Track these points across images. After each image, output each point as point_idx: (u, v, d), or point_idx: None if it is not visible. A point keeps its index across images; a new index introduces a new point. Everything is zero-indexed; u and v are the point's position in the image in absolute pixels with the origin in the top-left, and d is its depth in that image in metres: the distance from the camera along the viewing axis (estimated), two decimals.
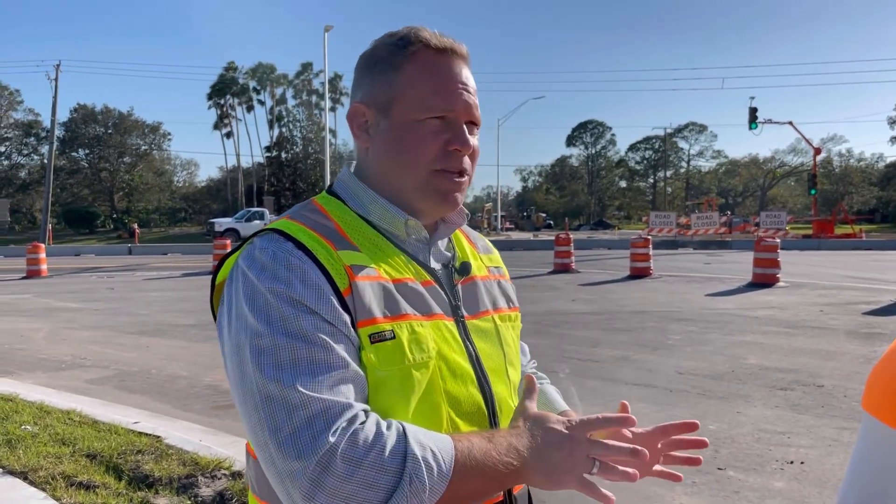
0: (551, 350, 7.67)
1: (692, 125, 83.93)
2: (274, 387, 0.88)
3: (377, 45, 1.11)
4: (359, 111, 1.10)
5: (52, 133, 48.11)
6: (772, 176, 76.82)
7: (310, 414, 0.86)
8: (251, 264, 0.98)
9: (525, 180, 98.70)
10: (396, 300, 1.00)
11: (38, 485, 3.76)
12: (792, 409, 5.32)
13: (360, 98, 1.11)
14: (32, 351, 8.20)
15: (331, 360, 0.91)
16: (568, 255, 17.72)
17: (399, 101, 1.06)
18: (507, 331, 1.19)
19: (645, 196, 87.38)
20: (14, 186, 65.65)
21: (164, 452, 4.20)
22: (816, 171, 38.00)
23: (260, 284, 0.95)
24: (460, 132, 1.06)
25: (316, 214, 1.07)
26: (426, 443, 0.88)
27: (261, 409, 0.89)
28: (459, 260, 1.18)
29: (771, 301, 11.43)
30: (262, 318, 0.93)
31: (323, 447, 0.83)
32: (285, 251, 0.97)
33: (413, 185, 1.07)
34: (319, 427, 0.85)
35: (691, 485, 3.92)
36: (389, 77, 1.07)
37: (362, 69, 1.12)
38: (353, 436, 0.85)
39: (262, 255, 0.98)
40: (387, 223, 1.09)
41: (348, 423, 0.86)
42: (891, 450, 0.63)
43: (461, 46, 1.10)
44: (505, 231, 56.24)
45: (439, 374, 1.00)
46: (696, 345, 7.87)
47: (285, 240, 0.99)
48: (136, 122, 65.84)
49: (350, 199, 1.12)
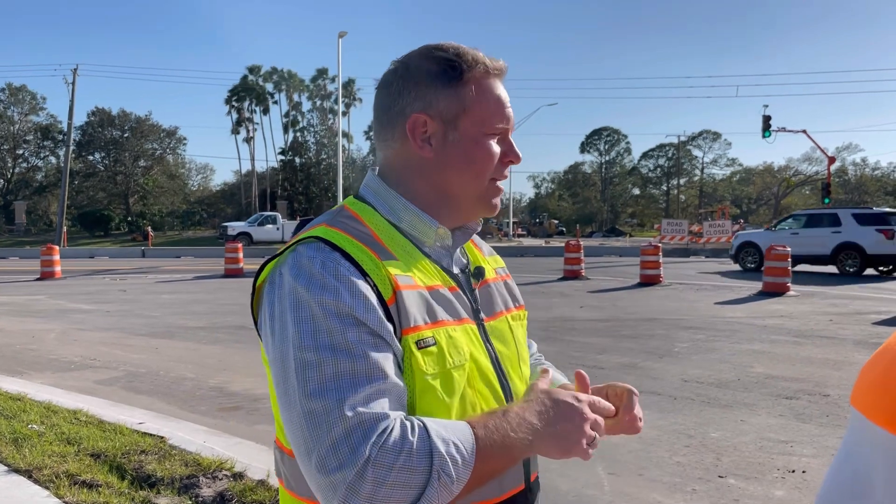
0: (558, 356, 7.66)
1: (706, 133, 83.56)
2: (317, 402, 0.92)
3: (429, 58, 1.14)
4: (420, 121, 1.12)
5: (68, 136, 48.58)
6: (786, 184, 76.30)
7: (348, 427, 0.90)
8: (298, 273, 1.00)
9: (538, 187, 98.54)
10: (433, 307, 1.06)
11: (42, 483, 3.81)
12: (796, 418, 5.29)
13: (420, 108, 1.12)
14: (43, 351, 8.29)
15: (372, 373, 0.95)
16: (578, 261, 17.69)
17: (468, 116, 1.12)
18: (518, 329, 1.26)
19: (658, 204, 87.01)
20: (31, 189, 66.28)
21: (167, 453, 4.24)
22: (831, 180, 37.72)
23: (308, 295, 0.98)
24: (513, 147, 1.17)
25: (353, 221, 1.11)
26: (448, 437, 0.93)
27: (304, 422, 0.93)
28: (473, 265, 1.24)
29: (780, 310, 11.37)
30: (307, 330, 0.96)
31: (361, 458, 0.88)
32: (333, 261, 1.00)
33: (476, 194, 1.15)
34: (357, 440, 0.89)
35: (691, 492, 3.91)
36: (458, 91, 1.12)
37: (414, 79, 1.13)
38: (384, 444, 0.89)
39: (310, 263, 1.00)
40: (417, 231, 1.14)
41: (381, 433, 0.90)
42: (872, 445, 0.64)
43: (505, 66, 1.19)
44: (517, 237, 56.16)
45: (472, 374, 1.07)
46: (702, 353, 7.84)
47: (332, 249, 1.02)
48: (153, 127, 66.33)
49: (380, 206, 1.15)
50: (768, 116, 35.24)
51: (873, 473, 0.64)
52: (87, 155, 64.89)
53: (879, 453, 0.63)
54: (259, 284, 1.10)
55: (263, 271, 1.10)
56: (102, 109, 64.56)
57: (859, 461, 0.66)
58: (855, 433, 0.68)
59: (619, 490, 3.96)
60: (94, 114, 64.41)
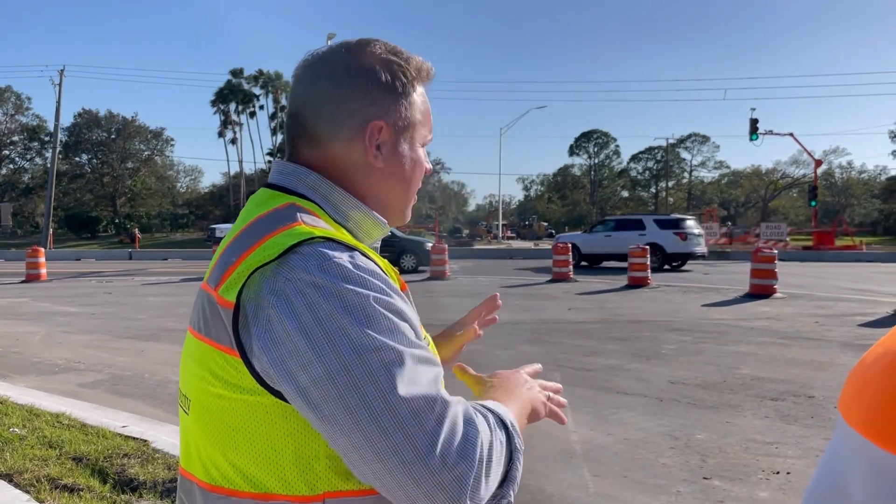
0: (545, 358, 7.66)
1: (694, 136, 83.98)
2: (418, 401, 0.85)
3: (380, 60, 1.08)
4: (377, 128, 1.07)
5: (55, 138, 48.23)
6: (773, 187, 76.79)
7: (453, 419, 0.86)
8: (327, 275, 0.89)
9: (527, 189, 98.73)
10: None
11: (23, 487, 3.77)
12: (782, 419, 5.31)
13: (377, 115, 1.07)
14: (27, 354, 8.21)
15: (436, 362, 0.93)
16: (566, 263, 17.73)
17: (415, 128, 1.11)
18: None
19: (647, 206, 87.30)
20: (17, 191, 65.81)
21: (150, 456, 4.21)
22: (817, 183, 37.99)
23: (358, 298, 0.88)
24: (427, 158, 1.17)
25: (319, 221, 1.01)
26: (497, 411, 0.98)
27: (407, 426, 0.83)
28: None
29: (767, 312, 11.43)
30: (375, 329, 0.87)
31: (476, 445, 0.86)
32: (360, 258, 0.93)
33: (405, 204, 1.16)
34: (464, 428, 0.87)
35: (676, 493, 3.92)
36: (409, 102, 1.10)
37: (370, 81, 1.07)
38: (476, 426, 0.88)
39: (338, 263, 0.90)
40: (361, 231, 1.09)
41: (470, 417, 0.89)
42: (850, 449, 0.64)
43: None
44: (506, 240, 56.24)
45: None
46: (689, 355, 7.87)
47: (346, 248, 0.93)
48: (140, 128, 66.04)
49: (324, 204, 1.07)
50: (756, 119, 35.51)
51: (850, 479, 0.64)
52: (74, 156, 64.59)
53: (856, 459, 0.63)
54: (243, 301, 0.92)
55: (247, 286, 0.92)
56: (89, 111, 64.33)
57: (839, 465, 0.66)
58: (837, 438, 0.68)
59: (603, 492, 3.96)
60: (81, 115, 64.12)
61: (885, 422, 0.60)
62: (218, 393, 0.93)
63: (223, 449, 0.94)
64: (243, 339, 0.91)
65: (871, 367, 0.65)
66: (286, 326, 0.87)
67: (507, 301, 13.34)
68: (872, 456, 0.60)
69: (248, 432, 0.92)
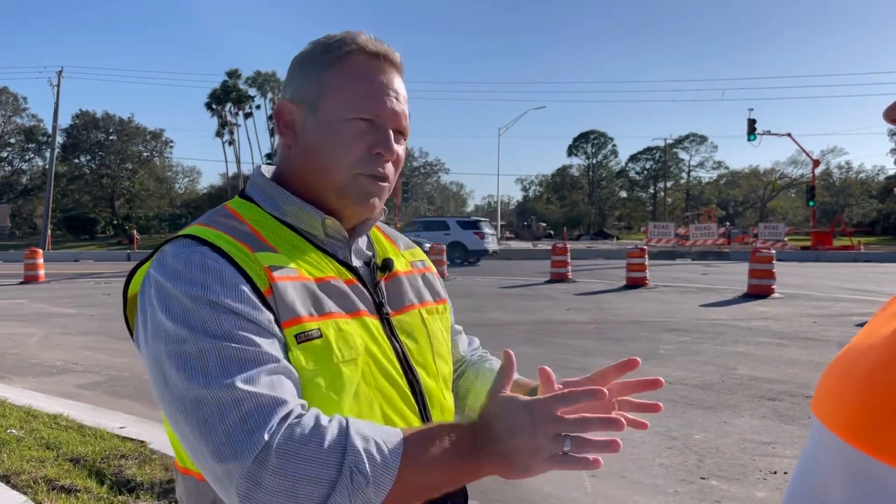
0: (543, 359, 7.65)
1: (693, 136, 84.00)
2: (203, 390, 0.85)
3: (313, 46, 1.10)
4: (286, 108, 1.08)
5: (53, 139, 48.20)
6: (771, 187, 76.85)
7: (243, 412, 0.83)
8: (163, 271, 0.95)
9: (526, 190, 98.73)
10: (320, 299, 1.00)
11: (20, 488, 3.76)
12: (779, 419, 5.32)
13: (289, 96, 1.09)
14: (25, 356, 8.21)
15: (260, 357, 0.89)
16: (564, 264, 17.75)
17: (327, 99, 1.05)
18: (435, 323, 1.19)
19: (645, 206, 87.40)
20: (15, 192, 65.74)
21: (147, 457, 4.21)
22: (815, 183, 38.06)
23: (175, 290, 0.92)
24: (386, 137, 1.06)
25: (229, 219, 1.05)
26: (370, 435, 0.85)
27: (191, 415, 0.85)
28: (381, 257, 1.18)
29: (765, 312, 11.44)
30: (181, 323, 0.90)
31: (259, 444, 0.81)
32: (200, 254, 0.95)
33: (335, 186, 1.07)
34: (254, 424, 0.82)
35: (673, 493, 3.92)
36: (320, 75, 1.06)
37: (295, 67, 1.11)
38: (288, 430, 0.82)
39: (174, 260, 0.95)
40: (303, 223, 1.08)
41: (283, 418, 0.84)
42: (829, 454, 0.62)
43: (395, 54, 1.10)
44: (505, 240, 56.21)
45: (369, 370, 1.00)
46: (687, 355, 7.87)
47: (199, 244, 0.97)
48: (138, 129, 65.98)
49: (264, 202, 1.10)
50: (754, 120, 35.55)
51: (829, 484, 0.62)
52: (73, 158, 64.43)
53: (836, 463, 0.61)
54: (132, 294, 1.03)
55: (133, 278, 1.03)
56: (87, 112, 64.16)
57: (818, 470, 0.64)
58: (814, 441, 0.66)
59: (601, 492, 3.96)
60: (79, 116, 63.99)
61: (868, 425, 0.57)
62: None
63: (167, 428, 1.01)
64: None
65: (852, 368, 0.63)
66: (138, 319, 0.98)
67: (506, 301, 13.34)
68: (854, 461, 0.58)
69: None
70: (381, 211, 1.16)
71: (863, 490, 0.58)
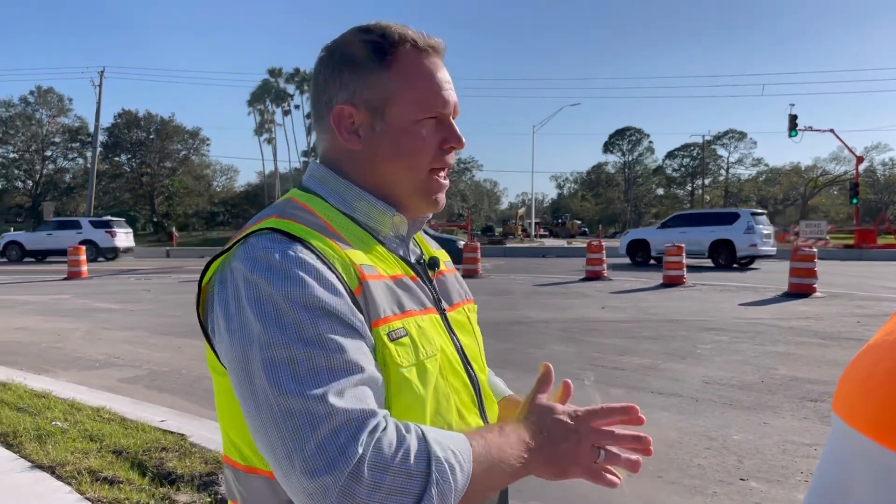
0: (578, 357, 7.62)
1: (731, 132, 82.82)
2: (294, 400, 0.83)
3: (353, 42, 1.08)
4: (345, 113, 1.06)
5: (95, 138, 49.29)
6: (813, 185, 75.31)
7: (335, 425, 0.82)
8: (254, 266, 0.91)
9: (560, 187, 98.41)
10: (400, 297, 1.01)
11: (65, 479, 3.86)
12: (821, 420, 5.21)
13: (344, 99, 1.07)
14: (69, 350, 8.41)
15: (350, 367, 0.87)
16: (600, 262, 17.58)
17: (394, 103, 1.05)
18: (475, 321, 1.22)
19: (682, 204, 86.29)
20: (59, 190, 67.40)
21: (187, 450, 4.27)
22: (859, 180, 37.20)
23: (270, 288, 0.89)
24: (454, 130, 1.09)
25: (304, 212, 1.03)
26: (446, 444, 0.86)
27: (281, 425, 0.83)
28: (427, 255, 1.19)
29: (806, 311, 11.21)
30: (272, 325, 0.87)
31: (353, 458, 0.80)
32: (294, 250, 0.92)
33: (412, 186, 1.08)
34: (346, 438, 0.81)
35: (711, 495, 3.86)
36: (380, 77, 1.05)
37: (339, 66, 1.08)
38: (377, 443, 0.82)
39: (267, 255, 0.92)
40: (372, 220, 1.08)
41: (372, 430, 0.83)
42: (853, 453, 0.61)
43: (441, 43, 1.10)
44: (539, 238, 55.99)
45: (443, 365, 1.02)
46: (725, 354, 7.75)
47: (291, 239, 0.94)
48: (177, 128, 67.12)
49: (330, 196, 1.09)
50: (795, 115, 34.83)
51: (853, 483, 0.61)
52: (114, 156, 65.81)
53: (861, 462, 0.60)
54: (205, 285, 1.00)
55: (209, 270, 1.00)
56: (129, 111, 65.47)
57: (840, 470, 0.63)
58: (836, 441, 0.65)
59: (637, 492, 3.92)
60: (121, 115, 65.32)
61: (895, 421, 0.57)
62: (211, 375, 1.04)
63: (223, 424, 1.03)
64: (207, 323, 0.99)
65: (875, 366, 0.62)
66: (217, 311, 0.94)
67: (540, 299, 13.28)
68: (880, 457, 0.57)
69: (229, 410, 0.99)
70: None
71: (889, 486, 0.57)
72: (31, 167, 67.35)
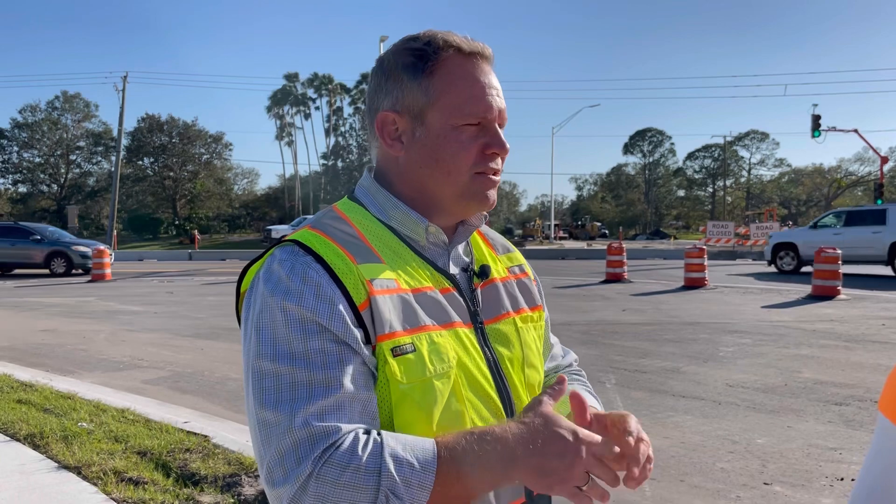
0: (599, 360, 7.59)
1: (753, 133, 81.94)
2: (269, 413, 0.91)
3: (400, 50, 1.09)
4: (388, 119, 1.08)
5: (118, 142, 49.90)
6: (836, 185, 74.35)
7: (295, 440, 0.88)
8: (268, 277, 0.98)
9: (580, 189, 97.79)
10: (415, 311, 1.01)
11: (91, 479, 3.91)
12: (846, 424, 5.15)
13: (388, 106, 1.08)
14: (93, 352, 8.52)
15: (330, 384, 0.92)
16: (620, 264, 17.49)
17: (434, 109, 1.05)
18: (528, 332, 1.19)
19: (704, 205, 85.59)
20: (83, 194, 68.19)
21: (211, 452, 4.31)
22: (884, 181, 36.65)
23: (272, 299, 0.96)
24: (497, 136, 1.08)
25: (338, 222, 1.07)
26: (404, 456, 0.88)
27: (257, 432, 0.93)
28: (478, 263, 1.17)
29: (830, 314, 11.07)
30: (267, 337, 0.95)
31: (305, 472, 0.86)
32: (303, 264, 0.98)
33: (454, 191, 1.08)
34: (303, 453, 0.87)
35: (735, 499, 3.83)
36: (421, 84, 1.06)
37: (386, 75, 1.10)
38: (329, 457, 0.87)
39: (279, 267, 0.98)
40: (407, 229, 1.09)
41: (329, 447, 0.88)
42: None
43: (487, 49, 1.10)
44: (558, 240, 55.78)
45: (460, 382, 1.01)
46: (748, 357, 7.68)
47: (305, 252, 0.99)
48: (200, 132, 67.68)
49: (371, 205, 1.11)
50: (818, 115, 34.37)
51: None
52: (137, 160, 66.49)
53: None
54: (244, 290, 1.07)
55: (247, 275, 1.07)
56: (152, 116, 66.09)
57: (887, 469, 0.63)
58: (883, 440, 0.65)
59: (660, 496, 3.90)
60: (144, 120, 65.98)
61: None
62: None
63: None
64: None
65: None
66: (244, 312, 1.03)
67: (560, 302, 13.24)
68: None
69: None
70: (481, 215, 1.16)
71: None
72: (56, 171, 68.23)
